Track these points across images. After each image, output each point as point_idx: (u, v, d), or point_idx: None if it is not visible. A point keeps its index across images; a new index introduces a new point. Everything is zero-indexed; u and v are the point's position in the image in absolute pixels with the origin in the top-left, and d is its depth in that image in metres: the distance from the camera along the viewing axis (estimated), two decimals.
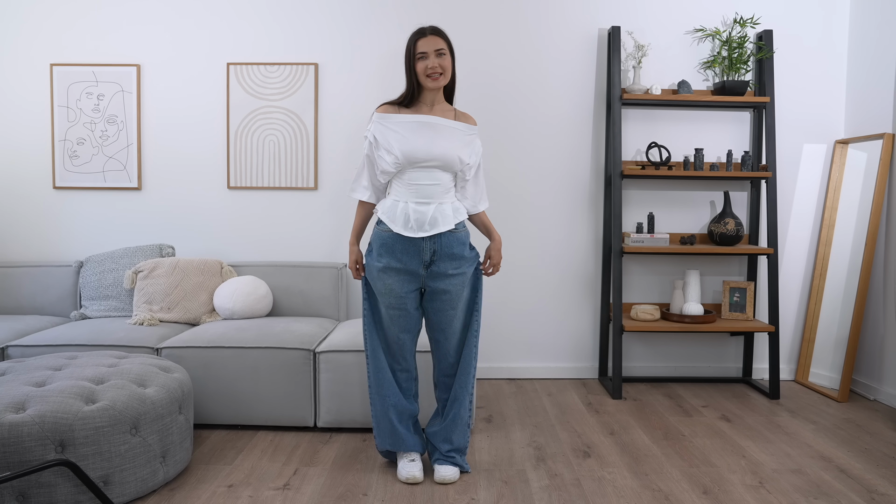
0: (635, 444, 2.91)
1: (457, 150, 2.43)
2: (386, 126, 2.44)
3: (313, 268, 3.68)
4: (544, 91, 3.85)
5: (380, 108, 2.49)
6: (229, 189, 3.88)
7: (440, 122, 2.44)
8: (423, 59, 2.41)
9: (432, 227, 2.40)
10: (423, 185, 2.42)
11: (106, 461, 2.21)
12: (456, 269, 2.45)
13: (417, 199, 2.42)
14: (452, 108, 2.54)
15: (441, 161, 2.41)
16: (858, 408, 3.43)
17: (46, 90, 3.86)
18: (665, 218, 3.90)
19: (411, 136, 2.41)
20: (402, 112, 2.47)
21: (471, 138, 2.51)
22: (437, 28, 2.44)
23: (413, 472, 2.51)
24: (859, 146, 3.72)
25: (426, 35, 2.41)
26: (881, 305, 3.55)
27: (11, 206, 3.91)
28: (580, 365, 3.95)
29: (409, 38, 2.45)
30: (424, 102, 2.48)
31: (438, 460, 2.57)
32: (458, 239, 2.46)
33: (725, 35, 3.80)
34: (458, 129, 2.47)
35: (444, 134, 2.44)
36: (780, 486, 2.49)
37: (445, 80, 2.44)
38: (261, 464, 2.68)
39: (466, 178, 2.51)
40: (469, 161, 2.47)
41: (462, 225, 2.49)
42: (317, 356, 3.04)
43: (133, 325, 3.28)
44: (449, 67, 2.44)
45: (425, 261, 2.43)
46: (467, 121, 2.53)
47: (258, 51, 3.83)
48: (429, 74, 2.40)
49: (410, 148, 2.39)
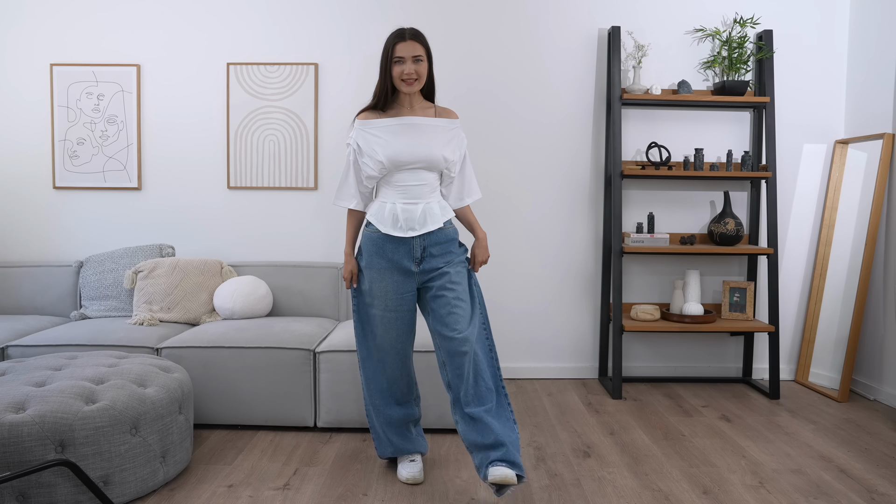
0: (635, 444, 2.91)
1: (440, 149, 2.43)
2: (368, 132, 2.44)
3: (313, 268, 3.68)
4: (544, 91, 3.85)
5: (360, 115, 2.48)
6: (229, 189, 3.88)
7: (422, 122, 2.44)
8: (399, 63, 2.39)
9: (422, 227, 2.40)
10: (409, 186, 2.42)
11: (106, 461, 2.21)
12: (446, 267, 2.43)
13: (405, 200, 2.42)
14: (432, 105, 2.53)
15: (426, 162, 2.41)
16: (858, 408, 3.43)
17: (46, 90, 3.86)
18: (665, 218, 3.90)
19: (394, 139, 2.41)
20: (382, 116, 2.46)
21: (453, 133, 2.49)
22: (417, 32, 2.42)
23: (414, 472, 2.51)
24: (859, 146, 3.72)
25: (405, 39, 2.39)
26: (881, 305, 3.55)
27: (11, 206, 3.91)
28: (580, 365, 3.95)
29: (388, 38, 2.42)
30: (402, 104, 2.47)
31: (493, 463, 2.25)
32: (447, 235, 2.45)
33: (725, 35, 3.80)
34: (440, 125, 2.46)
35: (426, 133, 2.43)
36: (780, 486, 2.49)
37: (420, 85, 2.43)
38: (261, 464, 2.68)
39: (452, 174, 2.50)
40: (453, 158, 2.47)
41: (449, 223, 2.49)
42: (317, 356, 3.04)
43: (133, 325, 3.28)
44: (424, 73, 2.42)
45: (416, 257, 2.42)
46: (448, 115, 2.52)
47: (258, 51, 3.83)
48: (403, 79, 2.40)
49: (394, 151, 2.39)
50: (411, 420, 2.61)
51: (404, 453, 2.59)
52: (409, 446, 2.59)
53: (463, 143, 2.53)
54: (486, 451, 2.26)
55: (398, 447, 2.59)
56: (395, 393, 2.56)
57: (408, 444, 2.59)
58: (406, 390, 2.58)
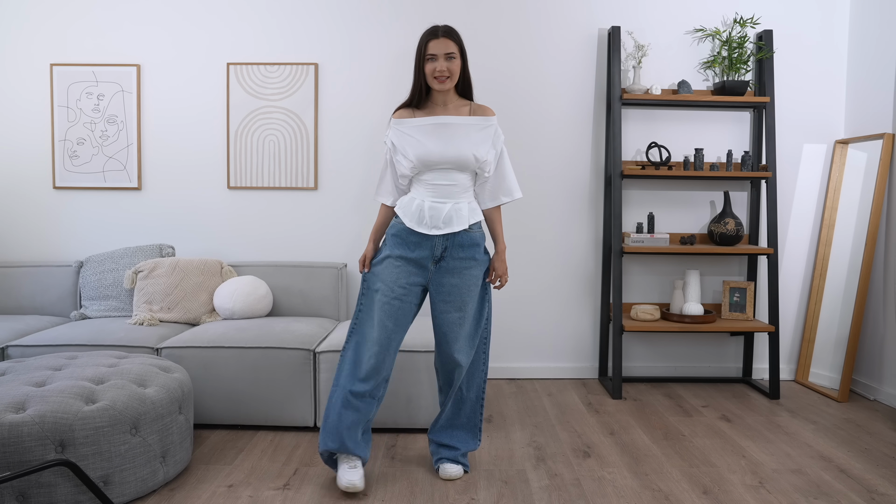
0: (635, 444, 2.91)
1: (471, 149, 2.41)
2: (402, 131, 2.44)
3: (313, 268, 3.68)
4: (544, 91, 3.85)
5: (396, 114, 2.49)
6: (229, 189, 3.88)
7: (455, 122, 2.43)
8: (431, 60, 2.39)
9: (446, 226, 2.39)
10: (440, 185, 2.42)
11: (106, 461, 2.21)
12: (465, 269, 2.43)
13: (434, 198, 2.41)
14: (468, 103, 2.51)
15: (455, 162, 2.40)
16: (858, 408, 3.43)
17: (46, 90, 3.86)
18: (665, 218, 3.90)
19: (425, 139, 2.40)
20: (416, 115, 2.46)
21: (488, 131, 2.46)
22: (451, 29, 2.41)
23: (353, 479, 2.37)
24: (859, 146, 3.72)
25: (438, 37, 2.38)
26: (881, 305, 3.55)
27: (11, 206, 3.91)
28: (580, 365, 3.95)
29: (422, 36, 2.42)
30: (437, 102, 2.47)
31: (442, 460, 2.58)
32: (472, 239, 2.44)
33: (725, 35, 3.80)
34: (474, 124, 2.44)
35: (458, 133, 2.42)
36: (780, 486, 2.49)
37: (452, 82, 2.42)
38: (261, 464, 2.68)
39: (486, 174, 2.47)
40: (486, 157, 2.43)
41: (478, 226, 2.47)
42: (317, 356, 3.04)
43: (133, 325, 3.28)
44: (457, 71, 2.42)
45: (436, 256, 2.42)
46: (484, 113, 2.49)
47: (258, 51, 3.83)
48: (436, 77, 2.40)
49: (424, 152, 2.39)
50: (365, 419, 2.44)
51: (347, 452, 2.42)
52: (352, 445, 2.41)
53: (499, 140, 2.49)
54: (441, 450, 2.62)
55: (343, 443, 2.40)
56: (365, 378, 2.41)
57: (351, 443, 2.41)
58: (378, 385, 2.44)
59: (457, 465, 2.56)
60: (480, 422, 2.62)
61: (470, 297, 2.46)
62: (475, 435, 2.62)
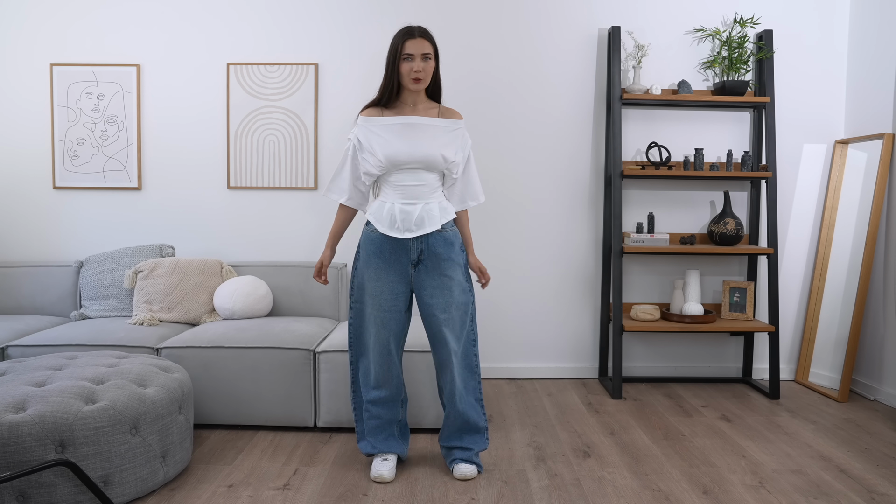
0: (635, 444, 2.91)
1: (440, 150, 2.42)
2: (370, 129, 2.44)
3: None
4: (544, 91, 3.85)
5: (364, 111, 2.49)
6: (229, 189, 3.88)
7: (423, 122, 2.44)
8: (408, 60, 2.39)
9: (419, 228, 2.41)
10: (408, 186, 2.43)
11: (106, 461, 2.21)
12: (444, 269, 2.45)
13: (404, 200, 2.43)
14: (437, 105, 2.52)
15: (424, 162, 2.41)
16: (858, 408, 3.43)
17: (46, 90, 3.86)
18: (665, 218, 3.90)
19: (394, 138, 2.41)
20: (385, 114, 2.46)
21: (456, 134, 2.48)
22: (426, 30, 2.42)
23: (381, 470, 2.50)
24: (859, 146, 3.72)
25: (415, 37, 2.39)
26: (881, 305, 3.55)
27: (11, 206, 3.91)
28: (580, 365, 3.95)
29: (396, 35, 2.42)
30: (406, 102, 2.48)
31: (456, 461, 2.57)
32: (445, 239, 2.45)
33: (725, 35, 3.80)
34: (442, 126, 2.46)
35: (427, 134, 2.43)
36: (780, 486, 2.50)
37: (426, 83, 2.44)
38: (261, 464, 2.68)
39: (454, 175, 2.50)
40: (454, 159, 2.46)
41: (450, 224, 2.49)
42: (317, 356, 3.04)
43: (133, 325, 3.28)
44: (431, 72, 2.44)
45: (412, 260, 2.44)
46: (452, 116, 2.51)
47: (258, 51, 3.83)
48: (413, 77, 2.40)
49: (393, 151, 2.40)
50: (394, 420, 2.61)
51: (381, 452, 2.59)
52: (383, 447, 2.59)
53: (466, 144, 2.52)
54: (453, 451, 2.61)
55: (375, 446, 2.59)
56: (377, 386, 2.57)
57: (382, 445, 2.59)
58: (395, 391, 2.58)
59: (471, 464, 2.56)
60: (486, 422, 2.62)
61: (452, 295, 2.48)
62: (483, 435, 2.63)
